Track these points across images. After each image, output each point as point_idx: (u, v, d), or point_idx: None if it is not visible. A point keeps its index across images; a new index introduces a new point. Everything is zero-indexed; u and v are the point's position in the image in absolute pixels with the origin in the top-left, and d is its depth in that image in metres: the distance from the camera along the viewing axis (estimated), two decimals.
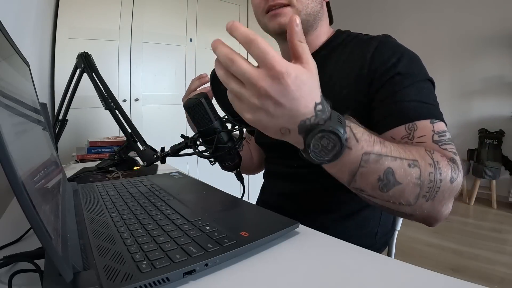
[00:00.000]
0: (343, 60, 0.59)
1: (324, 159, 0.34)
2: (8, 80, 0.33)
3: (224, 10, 2.42)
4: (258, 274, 0.32)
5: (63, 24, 1.68)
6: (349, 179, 0.39)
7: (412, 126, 0.47)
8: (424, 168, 0.39)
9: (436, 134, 0.45)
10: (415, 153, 0.40)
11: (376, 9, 3.60)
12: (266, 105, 0.32)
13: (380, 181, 0.38)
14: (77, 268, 0.27)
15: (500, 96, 2.85)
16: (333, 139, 0.34)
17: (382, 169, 0.37)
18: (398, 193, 0.39)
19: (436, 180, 0.39)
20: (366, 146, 0.37)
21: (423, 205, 0.40)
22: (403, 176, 0.38)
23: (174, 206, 0.48)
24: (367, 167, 0.37)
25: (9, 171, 0.19)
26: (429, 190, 0.39)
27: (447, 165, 0.41)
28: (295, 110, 0.33)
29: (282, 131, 0.35)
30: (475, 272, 1.64)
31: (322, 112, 0.34)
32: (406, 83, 0.50)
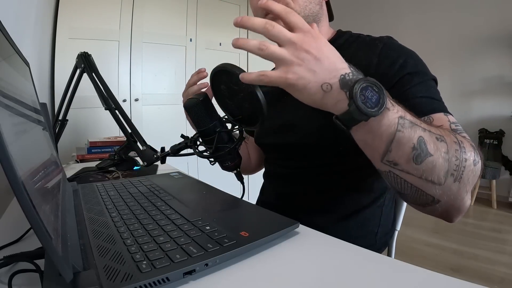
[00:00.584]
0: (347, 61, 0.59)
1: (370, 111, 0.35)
2: (8, 80, 0.33)
3: (224, 10, 2.42)
4: (258, 274, 0.32)
5: (63, 24, 1.68)
6: (385, 148, 0.38)
7: (428, 119, 0.48)
8: (450, 144, 0.39)
9: (453, 124, 0.47)
10: (441, 130, 0.40)
11: (376, 9, 3.60)
12: (308, 60, 0.36)
13: (415, 150, 0.37)
14: (77, 268, 0.27)
15: (500, 96, 2.86)
16: (376, 92, 0.35)
17: (416, 137, 0.37)
18: (430, 167, 0.38)
19: (462, 158, 0.39)
20: (400, 111, 0.38)
21: (451, 185, 0.39)
22: (433, 147, 0.38)
23: (174, 206, 0.48)
24: (403, 132, 0.37)
25: (9, 171, 0.19)
26: (456, 168, 0.38)
27: (471, 147, 0.40)
28: (332, 64, 0.37)
29: (324, 88, 0.37)
30: (475, 272, 1.64)
31: (356, 71, 0.37)
32: (416, 81, 0.51)
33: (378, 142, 0.38)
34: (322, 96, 0.37)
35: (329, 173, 0.62)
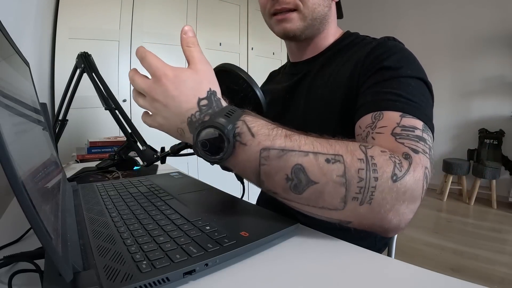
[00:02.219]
0: (343, 62, 0.58)
1: (214, 158, 0.34)
2: (8, 80, 0.33)
3: (224, 10, 2.42)
4: (258, 274, 0.32)
5: (63, 24, 1.68)
6: (256, 180, 0.36)
7: (379, 114, 0.42)
8: (350, 164, 0.33)
9: (400, 127, 0.39)
10: (340, 148, 0.35)
11: (377, 9, 3.60)
12: (159, 109, 0.37)
13: (290, 181, 0.33)
14: (77, 268, 0.27)
15: (500, 96, 2.86)
16: (218, 134, 0.33)
17: (289, 166, 0.33)
18: (316, 195, 0.34)
19: (369, 178, 0.33)
20: (264, 141, 0.34)
21: (357, 209, 0.34)
22: (318, 173, 0.33)
23: (174, 206, 0.48)
24: (269, 165, 0.34)
25: (9, 171, 0.19)
26: (360, 190, 0.33)
27: (387, 160, 0.34)
28: (178, 107, 0.36)
29: (179, 132, 0.38)
30: (475, 272, 1.64)
31: (207, 107, 0.36)
32: (388, 76, 0.46)
33: (246, 175, 0.37)
34: (181, 137, 0.39)
35: None
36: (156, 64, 0.38)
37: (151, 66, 0.38)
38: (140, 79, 0.39)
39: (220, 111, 0.35)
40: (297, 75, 0.66)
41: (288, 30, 0.58)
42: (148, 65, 0.38)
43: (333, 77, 0.57)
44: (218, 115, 0.34)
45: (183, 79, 0.37)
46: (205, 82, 0.38)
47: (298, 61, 0.67)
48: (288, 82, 0.68)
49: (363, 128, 0.44)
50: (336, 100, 0.55)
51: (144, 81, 0.39)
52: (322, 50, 0.64)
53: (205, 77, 0.38)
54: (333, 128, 0.53)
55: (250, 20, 2.56)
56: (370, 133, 0.42)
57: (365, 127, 0.43)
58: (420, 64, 0.49)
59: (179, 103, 0.36)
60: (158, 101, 0.37)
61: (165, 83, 0.37)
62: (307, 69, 0.64)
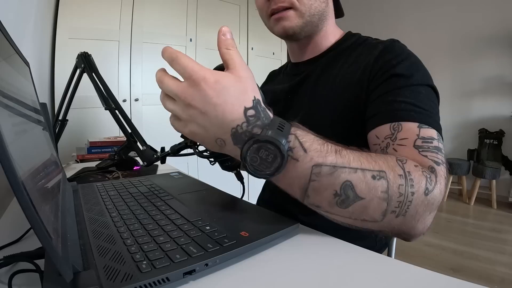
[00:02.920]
0: (349, 63, 0.58)
1: (265, 173, 0.32)
2: (8, 80, 0.33)
3: (224, 10, 2.42)
4: (258, 274, 0.32)
5: (63, 24, 1.68)
6: (301, 194, 0.36)
7: (398, 126, 0.43)
8: (393, 181, 0.35)
9: (420, 139, 0.41)
10: (382, 164, 0.36)
11: (377, 9, 3.60)
12: (194, 116, 0.33)
13: (338, 196, 0.34)
14: (77, 268, 0.27)
15: (500, 96, 2.86)
16: (272, 150, 0.31)
17: (339, 183, 0.34)
18: (360, 209, 0.35)
19: (407, 194, 0.35)
20: (316, 157, 0.34)
21: (392, 221, 0.35)
22: (365, 190, 0.34)
23: (174, 206, 0.48)
24: (320, 181, 0.34)
25: (9, 171, 0.19)
26: (399, 205, 0.35)
27: (421, 176, 0.36)
28: (220, 116, 0.32)
29: (219, 143, 0.34)
30: (475, 272, 1.64)
31: (255, 118, 0.33)
32: (401, 84, 0.47)
33: (291, 191, 0.37)
34: (220, 149, 0.35)
35: None
36: (192, 66, 0.33)
37: (186, 69, 0.33)
38: (171, 81, 0.34)
39: (272, 124, 0.33)
40: (299, 75, 0.65)
41: (287, 28, 0.57)
42: (183, 67, 0.33)
43: (338, 79, 0.57)
44: (270, 128, 0.32)
45: (225, 86, 0.33)
46: (250, 90, 0.34)
47: (300, 62, 0.67)
48: (290, 82, 0.67)
49: (381, 139, 0.45)
50: (341, 102, 0.54)
51: (177, 84, 0.34)
52: (323, 50, 0.64)
53: (249, 84, 0.34)
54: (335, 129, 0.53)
55: (250, 20, 2.56)
56: (390, 144, 0.43)
57: (383, 137, 0.44)
58: (426, 69, 0.51)
59: (222, 112, 0.32)
60: (195, 107, 0.33)
61: (204, 89, 0.32)
62: (309, 69, 0.64)
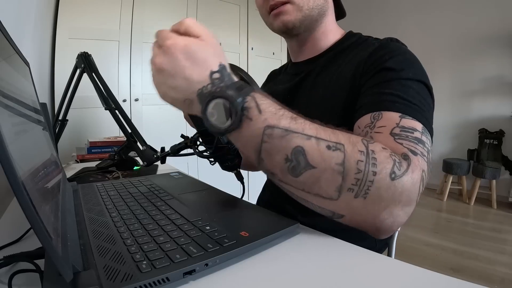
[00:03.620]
0: (346, 62, 0.58)
1: (220, 129, 0.34)
2: (8, 80, 0.33)
3: (224, 10, 2.42)
4: (258, 274, 0.32)
5: (63, 24, 1.68)
6: (256, 157, 0.36)
7: (378, 115, 0.42)
8: (350, 154, 0.33)
9: (398, 128, 0.39)
10: (342, 137, 0.35)
11: (377, 9, 3.60)
12: (165, 78, 0.36)
13: (288, 162, 0.33)
14: (77, 268, 0.27)
15: (500, 96, 2.86)
16: (226, 107, 0.33)
17: (290, 147, 0.33)
18: (312, 180, 0.33)
19: (367, 172, 0.33)
20: (270, 119, 0.34)
21: (351, 202, 0.34)
22: (317, 158, 0.33)
23: (174, 206, 0.48)
24: (271, 143, 0.34)
25: (9, 171, 0.19)
26: (357, 182, 0.33)
27: (388, 157, 0.34)
28: (188, 78, 0.35)
29: (187, 103, 0.36)
30: (475, 272, 1.64)
31: (220, 80, 0.35)
32: (389, 77, 0.46)
33: (247, 151, 0.37)
34: (188, 108, 0.37)
35: None
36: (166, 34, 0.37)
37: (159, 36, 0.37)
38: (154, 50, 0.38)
39: (232, 84, 0.35)
40: (299, 75, 0.65)
41: (286, 22, 0.57)
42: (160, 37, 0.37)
43: (335, 77, 0.57)
44: (229, 88, 0.34)
45: (194, 50, 0.35)
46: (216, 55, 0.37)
47: (300, 61, 0.67)
48: (290, 82, 0.67)
49: (361, 128, 0.43)
50: (338, 101, 0.54)
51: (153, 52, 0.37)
52: (323, 50, 0.63)
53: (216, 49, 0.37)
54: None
55: (250, 20, 2.56)
56: (368, 133, 0.42)
57: (364, 126, 0.43)
58: (422, 67, 0.49)
59: (190, 74, 0.35)
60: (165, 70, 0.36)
61: (174, 53, 0.35)
62: (309, 69, 0.64)
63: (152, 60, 0.37)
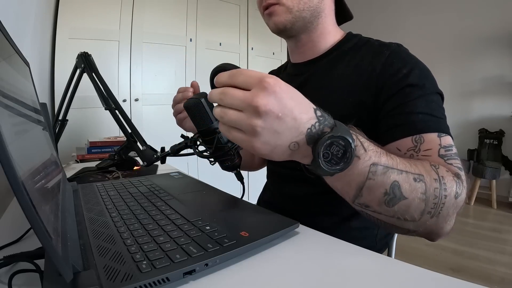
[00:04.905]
0: (352, 66, 0.57)
1: (335, 169, 0.33)
2: (8, 80, 0.33)
3: (224, 10, 2.42)
4: (258, 274, 0.32)
5: (63, 24, 1.68)
6: (355, 193, 0.37)
7: (419, 138, 0.45)
8: (429, 183, 0.37)
9: (443, 149, 0.44)
10: (421, 168, 0.39)
11: (377, 9, 3.60)
12: (269, 122, 0.31)
13: (387, 195, 0.36)
14: (77, 268, 0.27)
15: (500, 96, 2.85)
16: (342, 146, 0.32)
17: (389, 183, 0.36)
18: (404, 209, 0.37)
19: (441, 196, 0.38)
20: (374, 156, 0.36)
21: (427, 221, 0.38)
22: (409, 190, 0.37)
23: (174, 206, 0.48)
24: (375, 179, 0.35)
25: (9, 171, 0.19)
26: (434, 206, 0.37)
27: (452, 180, 0.39)
28: (297, 118, 0.32)
29: (292, 147, 0.33)
30: (475, 272, 1.64)
31: (323, 118, 0.33)
32: (416, 95, 0.48)
33: (348, 189, 0.38)
34: (290, 154, 0.34)
35: None
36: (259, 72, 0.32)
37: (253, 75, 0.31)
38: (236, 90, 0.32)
39: (338, 124, 0.34)
40: (301, 76, 0.65)
41: (277, 23, 0.58)
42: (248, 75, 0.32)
43: (342, 82, 0.57)
44: (340, 128, 0.33)
45: (292, 89, 0.33)
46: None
47: (301, 62, 0.67)
48: (290, 83, 0.67)
49: (403, 151, 0.47)
50: (345, 106, 0.55)
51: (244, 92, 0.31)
52: (324, 51, 0.63)
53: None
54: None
55: (250, 20, 2.56)
56: (414, 156, 0.45)
57: (406, 150, 0.46)
58: (432, 74, 0.52)
59: (298, 113, 0.32)
60: (272, 112, 0.30)
61: (279, 91, 0.31)
62: (311, 70, 0.64)
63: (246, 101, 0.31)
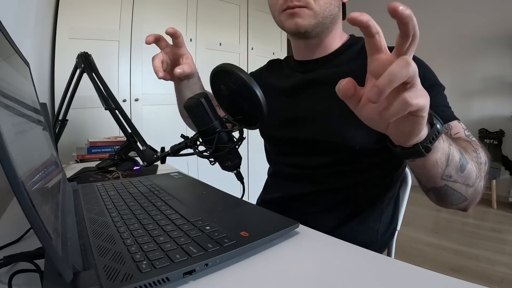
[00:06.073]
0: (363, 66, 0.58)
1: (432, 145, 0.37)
2: (8, 80, 0.33)
3: (224, 10, 2.41)
4: (258, 274, 0.32)
5: (63, 24, 1.68)
6: (446, 163, 0.42)
7: (448, 126, 0.53)
8: (470, 152, 0.45)
9: (466, 130, 0.53)
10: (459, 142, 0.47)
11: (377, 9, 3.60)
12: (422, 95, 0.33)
13: (460, 160, 0.42)
14: (77, 268, 0.27)
15: (500, 96, 2.85)
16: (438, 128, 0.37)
17: (456, 149, 0.42)
18: (469, 172, 0.44)
19: (483, 163, 0.46)
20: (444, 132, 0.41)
21: (478, 187, 0.46)
22: (468, 157, 0.44)
23: (174, 206, 0.48)
24: (450, 148, 0.41)
25: (9, 171, 0.19)
26: (479, 170, 0.45)
27: (482, 149, 0.48)
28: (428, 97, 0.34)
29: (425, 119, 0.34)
30: (475, 272, 1.64)
31: None
32: (435, 92, 0.55)
33: (443, 159, 0.42)
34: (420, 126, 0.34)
35: (334, 173, 0.62)
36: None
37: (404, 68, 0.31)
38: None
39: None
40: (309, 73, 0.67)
41: (299, 25, 0.58)
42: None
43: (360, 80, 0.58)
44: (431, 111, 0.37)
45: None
46: None
47: (308, 60, 0.68)
48: (299, 78, 0.68)
49: None
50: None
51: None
52: (331, 51, 0.65)
53: None
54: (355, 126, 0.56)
55: (250, 20, 2.56)
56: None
57: None
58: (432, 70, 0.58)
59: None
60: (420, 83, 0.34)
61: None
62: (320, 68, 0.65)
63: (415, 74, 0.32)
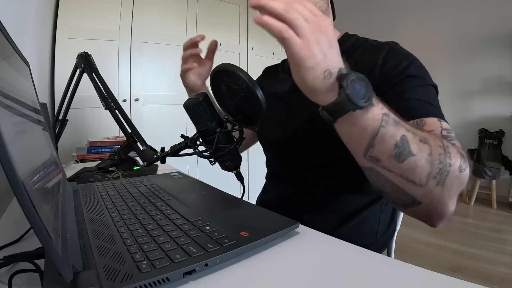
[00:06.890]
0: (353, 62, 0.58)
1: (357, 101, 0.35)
2: (8, 80, 0.33)
3: (224, 10, 2.41)
4: (258, 274, 0.32)
5: (63, 24, 1.68)
6: (369, 142, 0.38)
7: (421, 121, 0.47)
8: (434, 148, 0.38)
9: (444, 130, 0.46)
10: (426, 133, 0.40)
11: (377, 9, 3.60)
12: (323, 43, 0.36)
13: (397, 148, 0.37)
14: (77, 268, 0.27)
15: (500, 96, 2.85)
16: (364, 85, 0.36)
17: (399, 135, 0.37)
18: (412, 166, 0.38)
19: (446, 163, 0.38)
20: (386, 108, 0.38)
21: (433, 189, 0.38)
22: (416, 148, 0.38)
23: (174, 206, 0.48)
24: (387, 128, 0.37)
25: (9, 171, 0.19)
26: (439, 171, 0.38)
27: (457, 153, 0.40)
28: (337, 55, 0.37)
29: (325, 74, 0.36)
30: (475, 272, 1.64)
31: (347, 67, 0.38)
32: (415, 83, 0.51)
33: (363, 136, 0.38)
34: (320, 81, 0.37)
35: (332, 174, 0.62)
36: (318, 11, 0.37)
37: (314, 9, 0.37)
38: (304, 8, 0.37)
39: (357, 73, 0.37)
40: None
41: None
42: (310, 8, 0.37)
43: None
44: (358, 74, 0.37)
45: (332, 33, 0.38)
46: None
47: None
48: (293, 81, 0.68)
49: None
50: None
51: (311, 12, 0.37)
52: None
53: None
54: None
55: (250, 20, 2.56)
56: None
57: None
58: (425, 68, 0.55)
59: (337, 55, 0.37)
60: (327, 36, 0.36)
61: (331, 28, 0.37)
62: None
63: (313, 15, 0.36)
